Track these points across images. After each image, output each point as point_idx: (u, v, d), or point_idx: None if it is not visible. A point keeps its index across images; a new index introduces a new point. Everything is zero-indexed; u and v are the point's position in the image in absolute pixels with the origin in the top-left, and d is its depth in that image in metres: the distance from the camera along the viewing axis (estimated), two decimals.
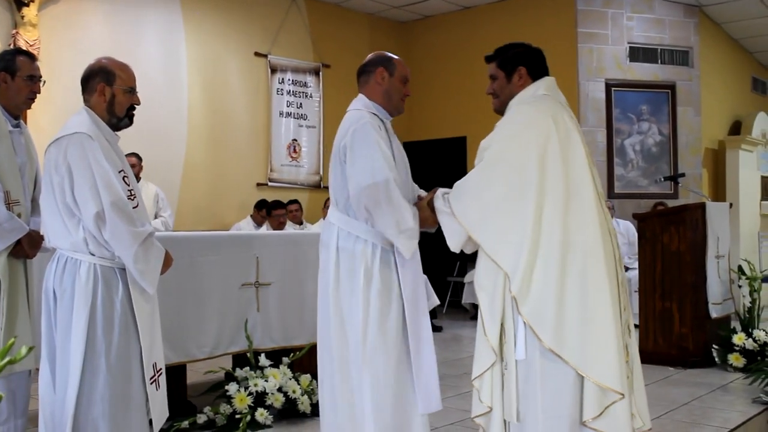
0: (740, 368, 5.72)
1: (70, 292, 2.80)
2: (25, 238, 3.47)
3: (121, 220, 2.77)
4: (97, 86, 3.00)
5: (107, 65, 3.06)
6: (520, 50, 2.94)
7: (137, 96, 3.08)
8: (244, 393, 4.19)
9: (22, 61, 3.62)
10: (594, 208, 2.65)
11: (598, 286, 2.59)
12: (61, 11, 7.22)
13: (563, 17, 9.23)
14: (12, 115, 3.62)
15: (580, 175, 2.66)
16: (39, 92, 3.70)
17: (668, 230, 6.15)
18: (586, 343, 2.55)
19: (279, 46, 9.08)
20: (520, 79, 2.88)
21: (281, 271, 4.74)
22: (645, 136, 9.32)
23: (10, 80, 3.58)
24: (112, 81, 3.01)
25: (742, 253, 9.21)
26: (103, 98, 3.00)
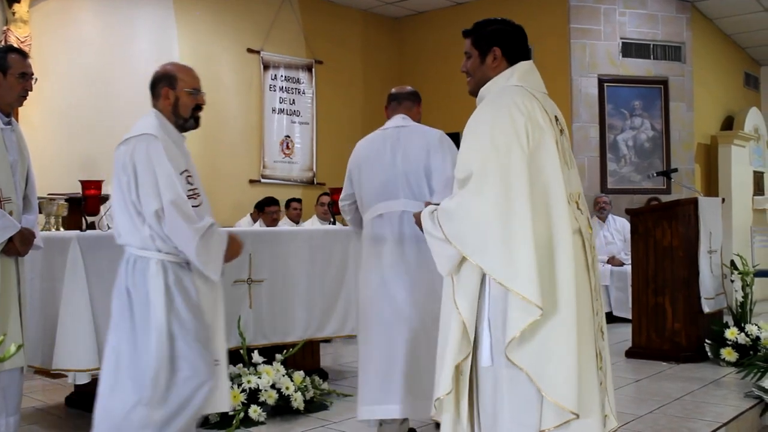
0: (733, 363, 5.74)
1: (143, 289, 2.89)
2: (17, 235, 3.46)
3: (179, 217, 2.88)
4: (161, 91, 3.11)
5: (170, 70, 3.16)
6: (498, 27, 2.73)
7: (202, 96, 3.18)
8: (237, 390, 4.18)
9: (14, 58, 3.61)
10: (564, 214, 2.47)
11: (565, 296, 2.44)
12: (53, 8, 7.19)
13: (556, 13, 9.23)
14: (3, 113, 3.60)
15: (551, 178, 2.47)
16: (31, 89, 3.70)
17: (661, 225, 6.16)
18: (546, 357, 2.41)
19: (271, 42, 9.06)
20: (494, 61, 2.67)
21: (274, 268, 4.74)
22: (638, 131, 9.33)
23: (2, 78, 3.57)
24: (175, 84, 3.11)
25: (734, 248, 9.23)
26: (168, 101, 3.11)
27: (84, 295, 3.81)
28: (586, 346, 2.56)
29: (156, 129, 3.02)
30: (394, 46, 10.54)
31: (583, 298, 2.55)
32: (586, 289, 2.58)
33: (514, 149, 2.45)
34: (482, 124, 2.55)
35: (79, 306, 3.79)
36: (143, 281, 2.90)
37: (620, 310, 8.33)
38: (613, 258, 8.64)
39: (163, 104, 3.12)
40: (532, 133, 2.48)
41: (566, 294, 2.44)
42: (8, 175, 3.53)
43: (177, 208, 2.88)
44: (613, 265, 8.58)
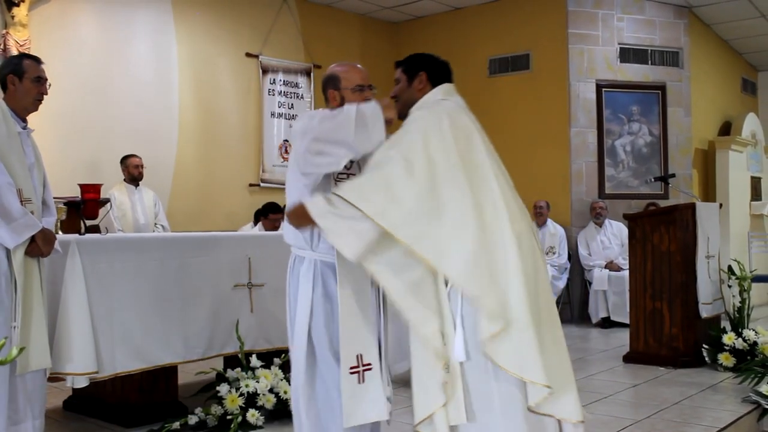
0: (730, 368, 5.75)
1: (295, 286, 3.07)
2: (39, 235, 3.53)
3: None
4: (329, 94, 3.11)
5: (331, 71, 3.15)
6: (425, 58, 3.03)
7: (369, 91, 3.12)
8: (235, 394, 4.19)
9: (29, 63, 3.74)
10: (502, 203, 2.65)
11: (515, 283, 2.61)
12: (52, 11, 7.20)
13: (554, 18, 9.25)
14: (20, 117, 3.71)
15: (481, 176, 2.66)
16: (46, 93, 3.80)
17: (658, 230, 6.17)
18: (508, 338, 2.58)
19: (270, 46, 9.07)
20: (420, 84, 2.94)
21: (274, 272, 4.72)
22: (635, 136, 9.35)
23: (18, 82, 3.69)
24: (338, 84, 3.10)
25: (732, 253, 9.26)
26: (336, 102, 3.09)
27: (83, 299, 3.81)
28: (551, 327, 2.80)
29: None
30: (393, 50, 10.55)
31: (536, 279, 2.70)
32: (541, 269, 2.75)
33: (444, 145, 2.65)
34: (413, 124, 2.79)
35: (77, 309, 3.79)
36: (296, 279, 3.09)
37: (618, 315, 8.34)
38: (610, 263, 8.65)
39: (333, 105, 3.09)
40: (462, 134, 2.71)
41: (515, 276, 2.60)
42: (27, 177, 3.62)
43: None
44: (611, 270, 8.59)
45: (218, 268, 4.49)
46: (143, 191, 7.15)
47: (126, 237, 4.62)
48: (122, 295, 4.00)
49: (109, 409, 4.41)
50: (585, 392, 5.14)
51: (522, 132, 9.25)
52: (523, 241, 2.65)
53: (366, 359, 2.89)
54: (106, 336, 3.88)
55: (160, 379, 4.39)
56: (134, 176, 7.05)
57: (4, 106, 3.66)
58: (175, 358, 4.24)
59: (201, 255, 4.42)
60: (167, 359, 4.20)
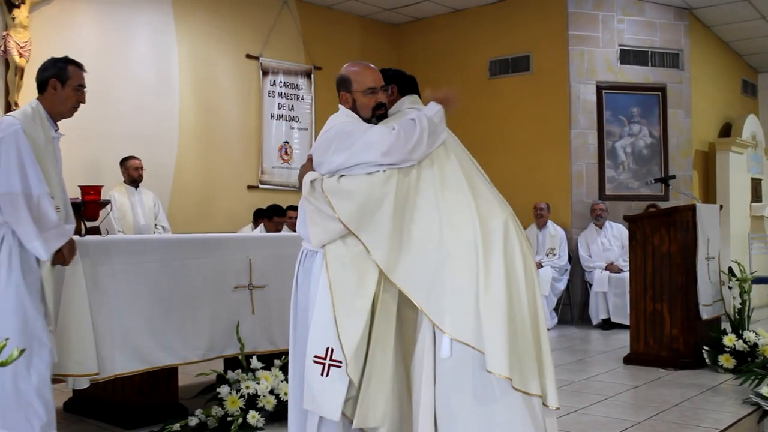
0: (730, 369, 5.74)
1: (306, 281, 3.05)
2: (67, 244, 3.55)
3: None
4: (341, 96, 3.13)
5: (342, 73, 3.15)
6: (396, 74, 3.26)
7: (381, 93, 3.11)
8: (235, 395, 4.19)
9: (73, 70, 3.75)
10: (491, 202, 2.88)
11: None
12: (52, 13, 7.21)
13: (554, 20, 9.26)
14: (54, 122, 3.71)
15: (452, 177, 2.89)
16: (84, 102, 3.82)
17: (659, 232, 6.17)
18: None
19: (270, 48, 9.08)
20: (392, 95, 3.19)
21: (275, 274, 4.72)
22: (636, 138, 9.35)
23: (60, 88, 3.69)
24: (350, 86, 3.10)
25: (732, 254, 9.26)
26: (348, 104, 3.12)
27: (83, 300, 3.80)
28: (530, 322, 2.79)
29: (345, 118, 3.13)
30: (393, 52, 10.56)
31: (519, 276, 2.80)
32: (528, 266, 2.83)
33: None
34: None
35: (78, 311, 3.79)
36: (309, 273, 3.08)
37: (618, 316, 8.34)
38: (611, 264, 8.65)
39: (346, 106, 3.14)
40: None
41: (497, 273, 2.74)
42: (58, 184, 3.63)
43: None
44: (612, 272, 8.59)
45: (219, 269, 4.49)
46: (143, 193, 7.15)
47: (126, 238, 4.61)
48: (123, 296, 4.00)
49: (110, 411, 4.40)
50: (585, 393, 5.14)
51: (522, 134, 9.26)
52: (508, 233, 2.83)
53: (336, 355, 2.82)
54: (106, 337, 3.88)
55: (160, 381, 4.39)
56: (134, 178, 7.05)
57: (42, 110, 3.65)
58: (176, 359, 4.24)
59: (202, 256, 4.42)
60: (167, 361, 4.20)
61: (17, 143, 3.46)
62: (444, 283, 2.75)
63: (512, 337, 2.67)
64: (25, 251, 3.46)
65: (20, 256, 3.45)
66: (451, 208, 2.81)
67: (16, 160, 3.44)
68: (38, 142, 3.54)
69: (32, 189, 3.45)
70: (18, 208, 3.41)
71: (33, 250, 3.44)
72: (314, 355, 2.86)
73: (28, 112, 3.61)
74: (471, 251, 2.75)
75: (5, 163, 3.45)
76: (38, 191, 3.46)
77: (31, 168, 3.47)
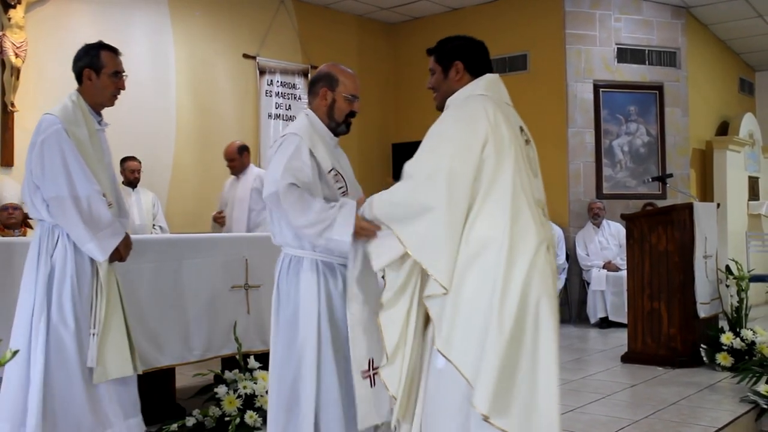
0: (728, 367, 5.75)
1: (295, 287, 3.01)
2: (122, 242, 3.47)
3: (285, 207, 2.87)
4: (320, 90, 3.05)
5: (332, 71, 3.09)
6: (459, 43, 2.82)
7: (358, 104, 3.10)
8: (233, 395, 4.18)
9: (107, 56, 3.60)
10: (506, 220, 2.49)
11: (496, 306, 2.44)
12: (48, 13, 7.19)
13: (551, 19, 9.26)
14: (96, 113, 3.59)
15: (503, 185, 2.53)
16: (123, 88, 3.66)
17: (656, 230, 6.17)
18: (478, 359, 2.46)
19: (267, 47, 9.07)
20: (457, 74, 2.77)
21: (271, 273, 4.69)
22: (633, 136, 9.35)
23: (95, 77, 3.55)
24: (335, 86, 3.04)
25: (729, 253, 9.26)
26: (324, 102, 3.05)
27: None
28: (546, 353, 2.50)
29: (303, 129, 2.98)
30: (390, 51, 10.56)
31: (549, 305, 2.52)
32: (552, 295, 2.55)
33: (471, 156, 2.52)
34: (445, 127, 2.64)
35: None
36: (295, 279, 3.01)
37: (616, 315, 8.34)
38: (608, 263, 8.65)
39: (318, 104, 3.07)
40: (493, 141, 2.55)
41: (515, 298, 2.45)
42: (107, 178, 3.53)
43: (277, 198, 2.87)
44: (609, 270, 8.59)
45: (215, 269, 4.48)
46: (141, 193, 7.15)
47: None
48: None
49: None
50: (583, 392, 5.14)
51: None
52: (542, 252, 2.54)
53: (377, 363, 2.84)
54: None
55: (157, 382, 4.38)
56: (130, 180, 7.04)
57: (83, 102, 3.53)
58: (173, 360, 4.24)
59: (198, 256, 4.41)
60: (165, 361, 4.19)
61: (60, 144, 3.35)
62: (459, 302, 2.51)
63: (504, 375, 2.42)
64: (80, 254, 3.40)
65: (74, 258, 3.39)
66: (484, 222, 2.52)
67: (60, 162, 3.34)
68: (81, 139, 3.42)
69: (79, 190, 3.34)
70: (67, 212, 3.32)
71: (89, 253, 3.37)
72: (361, 371, 2.86)
73: (68, 106, 3.48)
74: (490, 273, 2.47)
75: (50, 167, 3.35)
76: (86, 192, 3.36)
77: (76, 168, 3.36)
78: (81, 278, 3.39)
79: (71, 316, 3.35)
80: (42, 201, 3.39)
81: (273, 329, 3.05)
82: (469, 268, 2.49)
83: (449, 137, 2.58)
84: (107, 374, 3.40)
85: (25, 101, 6.94)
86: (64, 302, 3.35)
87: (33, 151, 3.41)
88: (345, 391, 2.91)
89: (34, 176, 3.40)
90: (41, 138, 3.38)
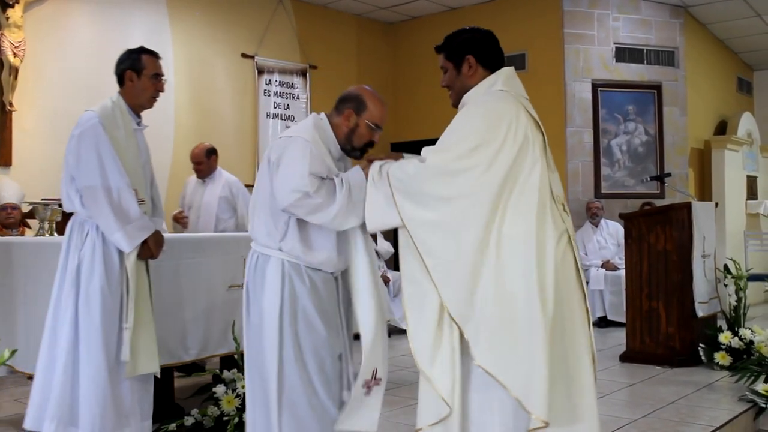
0: (726, 367, 5.75)
1: (260, 286, 2.91)
2: (152, 237, 3.58)
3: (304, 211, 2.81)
4: (345, 110, 2.96)
5: (362, 95, 2.98)
6: (467, 37, 2.73)
7: (379, 135, 3.00)
8: (231, 395, 4.17)
9: (147, 59, 3.75)
10: (533, 218, 2.49)
11: (527, 299, 2.44)
12: (47, 13, 7.18)
13: (549, 18, 9.26)
14: (135, 114, 3.72)
15: (529, 183, 2.51)
16: (162, 90, 3.80)
17: (654, 230, 6.18)
18: (511, 359, 2.43)
19: (266, 47, 9.06)
20: (470, 69, 2.69)
21: None
22: (631, 136, 9.36)
23: (136, 79, 3.69)
24: (361, 111, 2.95)
25: (728, 252, 9.26)
26: (347, 124, 2.96)
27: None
28: (579, 348, 2.55)
29: (311, 136, 2.87)
30: (388, 50, 10.55)
31: (575, 299, 2.56)
32: (578, 289, 2.58)
33: (497, 149, 2.50)
34: (468, 122, 2.59)
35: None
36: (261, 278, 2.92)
37: (614, 314, 8.34)
38: (607, 262, 8.66)
39: (340, 123, 2.97)
40: (517, 136, 2.52)
41: (549, 295, 2.44)
42: (141, 176, 3.65)
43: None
44: (607, 270, 8.59)
45: (213, 269, 4.48)
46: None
47: None
48: None
49: None
50: None
51: None
52: (566, 247, 2.55)
53: (379, 373, 2.87)
54: None
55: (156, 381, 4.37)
56: None
57: (123, 103, 3.66)
58: (171, 359, 4.24)
59: (196, 256, 4.41)
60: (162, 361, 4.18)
61: (96, 137, 3.51)
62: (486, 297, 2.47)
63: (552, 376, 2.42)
64: (108, 247, 3.51)
65: (103, 252, 3.50)
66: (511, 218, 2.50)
67: (95, 153, 3.50)
68: (118, 136, 3.56)
69: (111, 182, 3.49)
70: (98, 201, 3.46)
71: (116, 243, 3.48)
72: (364, 380, 2.85)
73: (107, 105, 3.63)
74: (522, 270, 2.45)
75: (85, 157, 3.51)
76: (118, 184, 3.50)
77: (110, 161, 3.50)
78: (109, 272, 3.50)
79: (98, 311, 3.45)
80: (76, 192, 3.54)
81: (244, 329, 3.00)
82: (499, 266, 2.45)
83: (473, 132, 2.54)
84: (136, 369, 3.52)
85: (23, 101, 6.94)
86: (92, 296, 3.45)
87: (70, 144, 3.58)
88: (312, 391, 2.85)
89: (69, 167, 3.57)
90: (79, 131, 3.56)
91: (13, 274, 4.37)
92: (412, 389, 4.95)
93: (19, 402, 4.91)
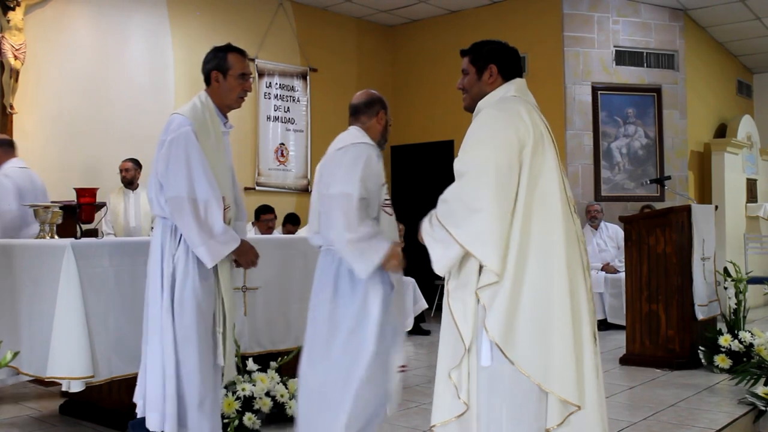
0: (726, 369, 5.75)
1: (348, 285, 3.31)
2: (237, 250, 3.44)
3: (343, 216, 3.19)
4: (379, 112, 3.51)
5: (381, 97, 3.60)
6: (495, 47, 2.85)
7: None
8: (231, 398, 4.18)
9: (234, 58, 3.62)
10: (559, 215, 2.61)
11: (560, 296, 2.55)
12: (48, 15, 7.20)
13: (549, 21, 9.27)
14: (222, 115, 3.65)
15: (549, 181, 2.66)
16: (250, 90, 3.70)
17: (654, 233, 6.18)
18: (544, 352, 2.53)
19: (266, 50, 9.08)
20: (491, 77, 2.80)
21: (268, 276, 4.72)
22: (631, 139, 9.36)
23: (222, 79, 3.61)
24: (387, 112, 3.56)
25: (727, 255, 9.27)
26: (381, 123, 3.51)
27: (78, 303, 3.79)
28: (586, 344, 2.69)
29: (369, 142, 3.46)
30: (388, 53, 10.57)
31: (581, 298, 2.64)
32: (584, 289, 2.65)
33: (514, 153, 2.60)
34: (486, 126, 2.68)
35: (73, 314, 3.77)
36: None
37: (614, 317, 8.35)
38: (607, 265, 8.66)
39: (374, 124, 3.51)
40: (533, 140, 2.63)
41: (562, 290, 2.57)
42: (228, 181, 3.57)
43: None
44: (607, 273, 8.60)
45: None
46: (141, 195, 7.12)
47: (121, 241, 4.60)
48: (117, 298, 3.99)
49: (105, 414, 4.39)
50: None
51: None
52: (575, 248, 2.66)
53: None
54: (101, 340, 3.87)
55: None
56: (125, 180, 7.04)
57: (211, 103, 3.60)
58: None
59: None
60: None
61: (186, 146, 3.41)
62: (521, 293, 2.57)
63: (579, 360, 2.63)
64: None
65: (196, 257, 3.38)
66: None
67: (184, 163, 3.38)
68: (208, 142, 3.47)
69: (198, 193, 3.36)
70: (184, 213, 3.33)
71: (199, 256, 3.35)
72: (399, 366, 3.34)
73: (197, 107, 3.54)
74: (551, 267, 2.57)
75: (174, 166, 3.39)
76: (205, 196, 3.36)
77: (199, 172, 3.38)
78: (203, 278, 3.40)
79: (192, 316, 3.35)
80: (166, 201, 3.41)
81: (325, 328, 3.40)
82: (529, 261, 2.55)
83: (492, 135, 2.63)
84: (227, 375, 3.53)
85: (23, 103, 6.95)
86: (186, 301, 3.36)
87: (160, 150, 3.49)
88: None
89: (159, 174, 3.44)
90: (170, 137, 3.48)
91: (16, 276, 4.37)
92: (411, 392, 4.96)
93: (21, 405, 4.92)
